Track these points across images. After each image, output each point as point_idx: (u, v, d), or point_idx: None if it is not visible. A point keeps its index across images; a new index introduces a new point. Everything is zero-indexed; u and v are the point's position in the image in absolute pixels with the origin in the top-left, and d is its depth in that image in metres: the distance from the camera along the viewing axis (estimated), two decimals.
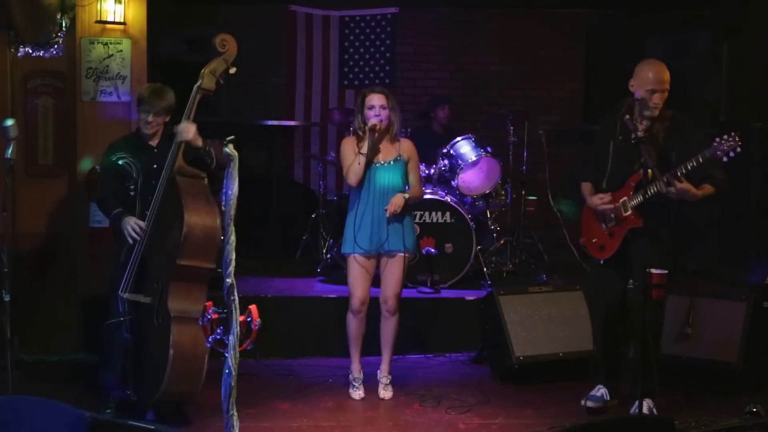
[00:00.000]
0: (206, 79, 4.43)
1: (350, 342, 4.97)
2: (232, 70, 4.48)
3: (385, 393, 4.96)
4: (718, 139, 4.00)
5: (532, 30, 8.62)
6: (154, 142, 4.63)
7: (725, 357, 5.07)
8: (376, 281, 4.99)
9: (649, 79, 4.37)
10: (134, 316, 4.44)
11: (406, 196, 4.83)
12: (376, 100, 4.80)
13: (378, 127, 4.76)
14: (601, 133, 4.64)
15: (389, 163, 4.85)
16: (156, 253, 4.44)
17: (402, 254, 4.87)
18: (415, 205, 6.16)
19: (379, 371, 5.03)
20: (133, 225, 4.46)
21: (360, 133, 4.85)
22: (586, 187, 4.71)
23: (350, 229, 4.85)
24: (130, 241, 4.45)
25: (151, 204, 4.44)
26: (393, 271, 4.87)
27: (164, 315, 4.27)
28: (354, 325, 4.93)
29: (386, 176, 4.82)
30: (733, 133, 3.99)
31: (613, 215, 4.50)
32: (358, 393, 4.95)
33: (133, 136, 4.71)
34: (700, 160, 4.08)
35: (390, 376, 5.01)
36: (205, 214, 4.33)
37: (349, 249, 4.86)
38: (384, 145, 4.87)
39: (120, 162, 4.57)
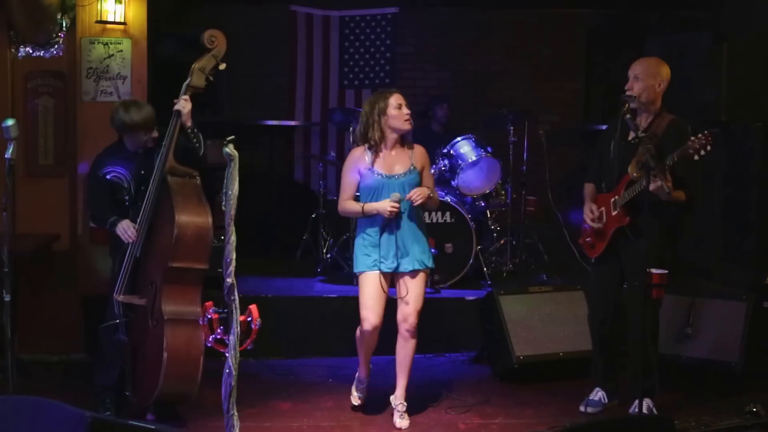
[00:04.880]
0: (195, 77, 4.38)
1: (360, 351, 4.66)
2: (222, 66, 4.43)
3: (402, 422, 4.53)
4: (693, 138, 4.07)
5: (532, 30, 8.62)
6: (139, 150, 4.58)
7: (725, 357, 5.07)
8: None
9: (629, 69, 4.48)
10: (130, 318, 4.44)
11: (431, 193, 4.52)
12: (401, 98, 4.45)
13: (397, 211, 4.40)
14: (605, 133, 4.69)
15: (403, 175, 4.50)
16: (149, 254, 4.42)
17: (423, 271, 4.56)
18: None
19: (393, 397, 4.65)
20: (126, 227, 4.43)
21: (372, 143, 4.47)
22: (587, 188, 4.76)
23: (365, 246, 4.51)
24: (125, 241, 4.43)
25: (142, 209, 4.42)
26: (414, 288, 4.51)
27: (158, 317, 4.25)
28: (365, 342, 4.58)
29: (400, 190, 4.45)
30: (706, 132, 4.06)
31: (595, 220, 4.57)
32: (358, 396, 4.74)
33: (117, 145, 4.64)
34: (675, 158, 4.15)
35: (406, 404, 4.60)
36: (197, 214, 4.28)
37: (365, 267, 4.50)
38: (397, 155, 4.54)
39: (108, 176, 4.54)
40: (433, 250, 6.12)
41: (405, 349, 4.60)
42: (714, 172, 6.47)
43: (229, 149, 3.18)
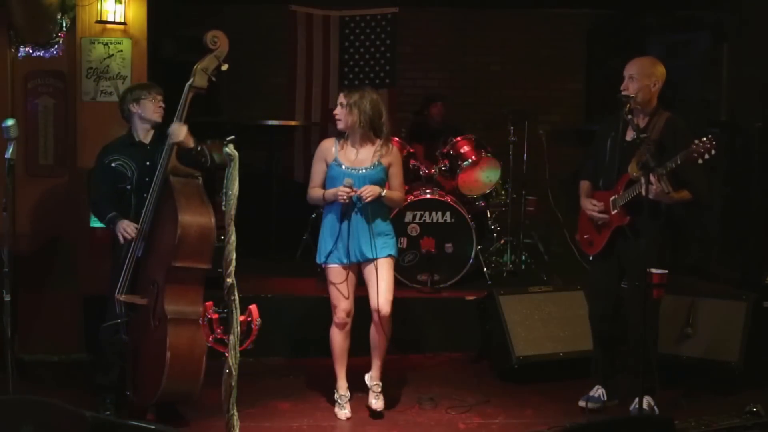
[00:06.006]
0: (198, 77, 4.38)
1: (335, 358, 4.70)
2: (224, 67, 4.43)
3: (377, 403, 4.68)
4: (697, 141, 4.06)
5: (532, 30, 8.62)
6: (146, 140, 4.62)
7: (725, 357, 5.08)
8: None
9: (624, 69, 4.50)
10: (131, 318, 4.44)
11: (383, 193, 4.56)
12: (338, 97, 4.64)
13: (349, 197, 4.49)
14: (601, 131, 4.69)
15: (365, 169, 4.58)
16: (151, 254, 4.42)
17: (389, 259, 4.61)
18: (414, 205, 6.20)
19: (368, 378, 4.77)
20: (125, 226, 4.45)
21: (339, 134, 4.69)
22: (583, 185, 4.78)
23: (327, 237, 4.63)
24: (122, 241, 4.45)
25: (145, 202, 4.43)
26: (383, 277, 4.55)
27: (161, 317, 4.25)
28: (339, 340, 4.66)
29: (362, 183, 4.54)
30: (710, 136, 4.06)
31: (601, 212, 4.56)
32: (344, 413, 4.66)
33: (126, 136, 4.69)
34: (678, 161, 4.15)
35: (381, 384, 4.73)
36: (200, 214, 4.29)
37: (326, 258, 4.61)
38: (363, 149, 4.63)
39: (113, 164, 4.56)
40: (432, 250, 6.20)
41: (379, 335, 4.66)
42: (714, 172, 6.47)
43: (229, 149, 3.19)
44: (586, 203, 4.65)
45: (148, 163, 4.53)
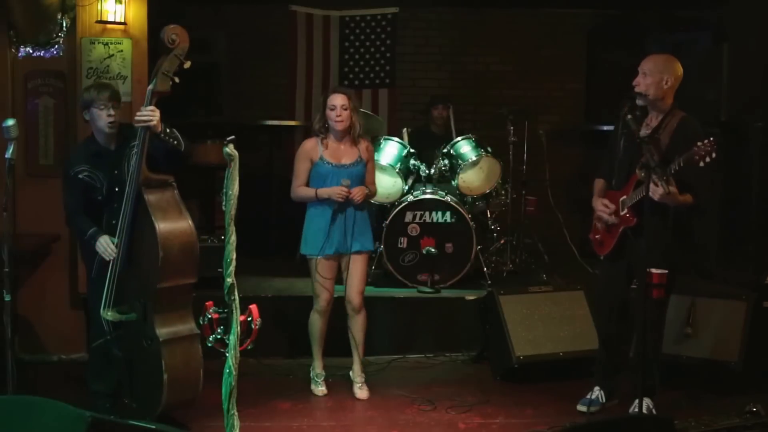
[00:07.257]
0: (160, 81, 4.05)
1: (314, 341, 5.05)
2: (187, 65, 4.13)
3: (362, 393, 5.00)
4: (699, 144, 4.02)
5: (532, 30, 8.62)
6: (111, 146, 4.37)
7: (725, 357, 5.08)
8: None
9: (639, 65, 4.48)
10: (120, 334, 4.27)
11: (368, 192, 4.97)
12: (338, 99, 4.87)
13: (346, 196, 4.82)
14: (615, 130, 4.67)
15: (351, 165, 4.93)
16: (134, 271, 4.21)
17: (365, 254, 5.00)
18: (414, 204, 6.21)
19: (351, 372, 5.08)
20: (105, 245, 4.21)
21: (320, 133, 4.97)
22: (598, 183, 4.75)
23: (313, 230, 4.92)
24: (107, 259, 4.22)
25: (116, 213, 4.18)
26: (357, 270, 4.95)
27: (152, 337, 4.14)
28: (319, 324, 5.02)
29: (351, 179, 4.88)
30: (712, 139, 4.01)
31: (611, 214, 4.53)
32: (321, 389, 5.04)
33: (89, 142, 4.44)
34: (681, 164, 4.11)
35: (364, 375, 5.07)
36: (179, 227, 4.10)
37: (314, 251, 4.89)
38: (346, 147, 4.96)
39: (80, 176, 4.33)
40: (433, 250, 6.19)
41: (355, 324, 5.03)
42: (714, 172, 6.46)
43: (229, 149, 3.19)
44: (597, 203, 4.63)
45: (116, 171, 4.29)
